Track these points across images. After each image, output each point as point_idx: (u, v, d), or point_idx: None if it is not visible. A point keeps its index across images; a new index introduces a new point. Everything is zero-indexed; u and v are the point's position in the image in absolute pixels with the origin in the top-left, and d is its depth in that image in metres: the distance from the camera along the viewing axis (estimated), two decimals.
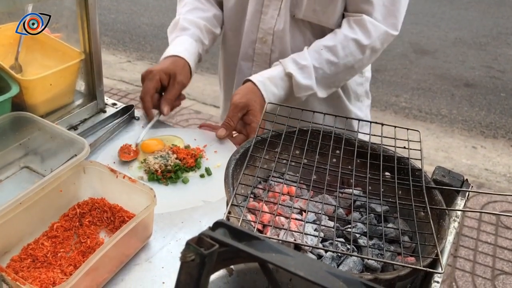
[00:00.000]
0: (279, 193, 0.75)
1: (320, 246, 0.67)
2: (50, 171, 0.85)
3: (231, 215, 0.67)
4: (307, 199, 0.75)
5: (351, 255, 0.66)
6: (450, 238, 0.70)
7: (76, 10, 1.04)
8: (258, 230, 0.72)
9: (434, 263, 0.63)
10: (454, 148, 3.23)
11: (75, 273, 0.63)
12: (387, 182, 0.77)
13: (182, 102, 1.20)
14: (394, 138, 0.83)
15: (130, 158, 1.01)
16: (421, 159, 0.80)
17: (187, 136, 1.10)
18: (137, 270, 0.77)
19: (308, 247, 0.68)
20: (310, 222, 0.74)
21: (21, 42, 1.06)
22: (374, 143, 0.84)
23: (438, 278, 0.64)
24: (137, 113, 1.20)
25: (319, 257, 0.69)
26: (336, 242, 0.69)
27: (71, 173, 0.82)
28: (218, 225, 0.39)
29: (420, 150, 0.81)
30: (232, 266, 0.73)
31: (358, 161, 0.81)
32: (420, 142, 0.82)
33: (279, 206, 0.73)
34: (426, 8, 6.24)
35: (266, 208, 0.75)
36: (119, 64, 4.23)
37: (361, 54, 1.08)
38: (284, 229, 0.70)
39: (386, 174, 0.80)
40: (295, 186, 0.77)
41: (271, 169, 0.80)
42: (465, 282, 2.08)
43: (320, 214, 0.73)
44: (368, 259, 0.67)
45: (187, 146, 1.05)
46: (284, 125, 0.84)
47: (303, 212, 0.77)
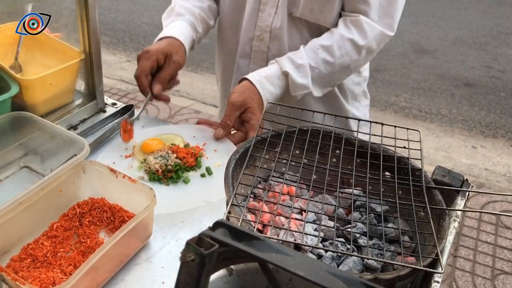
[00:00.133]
0: (279, 193, 0.75)
1: (320, 246, 0.67)
2: (50, 171, 0.86)
3: (231, 215, 0.67)
4: (307, 199, 0.75)
5: (351, 255, 0.66)
6: (450, 238, 0.70)
7: (75, 10, 1.04)
8: (258, 230, 0.72)
9: (434, 263, 0.63)
10: (454, 147, 3.23)
11: (75, 273, 0.63)
12: (387, 182, 0.77)
13: (182, 102, 1.19)
14: (394, 138, 0.83)
15: (129, 139, 1.06)
16: (421, 159, 0.80)
17: (186, 133, 1.10)
18: (137, 270, 0.77)
19: (308, 247, 0.68)
20: (310, 222, 0.74)
21: (20, 41, 1.06)
22: (374, 143, 0.84)
23: (438, 278, 0.64)
24: (136, 113, 1.20)
25: (319, 257, 0.69)
26: (336, 242, 0.69)
27: (71, 173, 0.82)
28: (218, 225, 0.39)
29: (420, 150, 0.81)
30: (232, 266, 0.73)
31: (358, 161, 0.81)
32: (420, 142, 0.82)
33: (279, 206, 0.73)
34: (426, 7, 6.24)
35: (266, 208, 0.75)
36: (119, 63, 4.23)
37: (357, 54, 1.08)
38: (284, 229, 0.70)
39: (386, 174, 0.80)
40: (295, 186, 0.77)
41: (271, 169, 0.80)
42: (465, 282, 2.08)
43: (320, 214, 0.73)
44: (368, 259, 0.67)
45: (187, 145, 1.05)
46: (284, 124, 0.84)
47: (303, 212, 0.77)
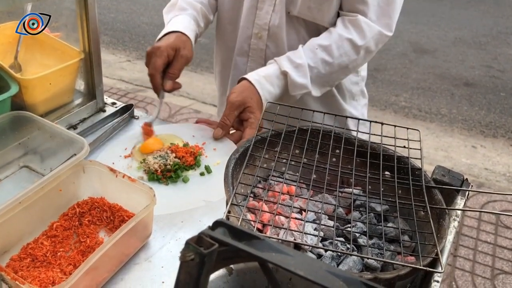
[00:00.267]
0: (279, 192, 0.75)
1: (320, 245, 0.67)
2: (50, 171, 0.85)
3: (231, 215, 0.67)
4: (307, 199, 0.75)
5: (351, 255, 0.66)
6: (450, 237, 0.70)
7: (75, 9, 1.04)
8: (258, 229, 0.72)
9: (434, 263, 0.63)
10: (454, 147, 3.23)
11: (75, 272, 0.63)
12: (387, 182, 0.77)
13: (181, 102, 1.19)
14: (394, 138, 0.83)
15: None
16: (421, 159, 0.80)
17: (185, 132, 1.10)
18: (136, 269, 0.77)
19: (308, 247, 0.68)
20: (310, 222, 0.74)
21: (20, 41, 1.05)
22: (374, 143, 0.84)
23: (438, 277, 0.64)
24: (136, 112, 1.20)
25: (319, 256, 0.69)
26: (336, 242, 0.69)
27: (71, 172, 0.82)
28: (217, 224, 0.39)
29: (420, 150, 0.81)
30: (231, 266, 0.73)
31: (358, 160, 0.81)
32: (420, 141, 0.82)
33: (279, 205, 0.73)
34: (426, 7, 6.24)
35: (266, 207, 0.75)
36: (119, 63, 4.22)
37: (355, 54, 1.08)
38: (284, 228, 0.70)
39: (386, 173, 0.80)
40: (295, 186, 0.77)
41: (271, 168, 0.80)
42: (464, 282, 2.08)
43: (320, 213, 0.73)
44: (368, 259, 0.67)
45: (186, 144, 1.05)
46: (283, 124, 0.84)
47: (303, 211, 0.77)
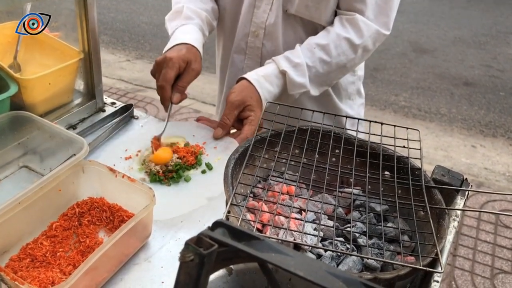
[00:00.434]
0: (279, 192, 0.75)
1: (319, 245, 0.67)
2: (49, 171, 0.85)
3: (231, 215, 0.67)
4: (307, 199, 0.75)
5: (351, 255, 0.66)
6: (450, 237, 0.70)
7: (75, 9, 1.03)
8: (258, 229, 0.72)
9: (434, 263, 0.63)
10: (454, 147, 3.23)
11: (74, 272, 0.63)
12: (387, 181, 0.77)
13: (181, 102, 1.19)
14: (394, 137, 0.83)
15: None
16: (420, 158, 0.80)
17: (186, 130, 1.10)
18: (136, 269, 0.77)
19: (307, 247, 0.68)
20: (310, 222, 0.74)
21: (19, 41, 1.05)
22: (374, 142, 0.84)
23: (437, 277, 0.64)
24: (136, 112, 1.20)
25: (319, 256, 0.68)
26: (335, 242, 0.69)
27: (70, 172, 0.82)
28: (217, 224, 0.39)
29: (419, 149, 0.81)
30: (231, 266, 0.73)
31: (358, 160, 0.81)
32: (419, 141, 0.82)
33: (279, 205, 0.73)
34: (425, 7, 6.24)
35: (265, 207, 0.75)
36: (118, 63, 4.22)
37: (353, 53, 1.08)
38: (283, 228, 0.70)
39: (386, 173, 0.80)
40: (295, 186, 0.77)
41: (271, 168, 0.79)
42: (464, 281, 2.09)
43: (319, 213, 0.73)
44: (367, 259, 0.67)
45: (187, 144, 1.05)
46: (283, 124, 0.84)
47: (303, 211, 0.77)
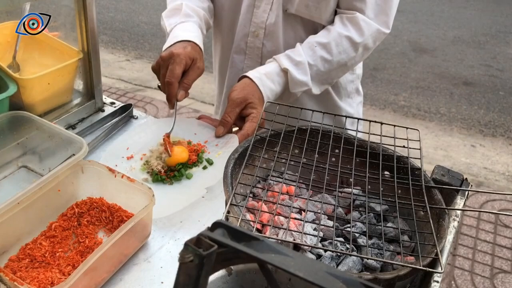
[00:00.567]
0: (278, 192, 0.75)
1: (319, 245, 0.67)
2: (48, 171, 0.85)
3: (230, 215, 0.67)
4: (307, 199, 0.75)
5: (351, 255, 0.66)
6: (450, 237, 0.69)
7: (74, 9, 1.03)
8: (257, 229, 0.72)
9: (434, 263, 0.63)
10: (453, 146, 3.23)
11: (74, 273, 0.62)
12: (387, 181, 0.77)
13: (180, 101, 1.18)
14: (394, 137, 0.83)
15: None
16: (420, 158, 0.80)
17: (187, 130, 1.09)
18: (135, 270, 0.77)
19: (307, 247, 0.68)
20: (310, 222, 0.74)
21: (19, 41, 1.05)
22: (374, 142, 0.83)
23: (437, 277, 0.64)
24: (135, 112, 1.19)
25: (319, 256, 0.68)
26: (335, 242, 0.69)
27: (69, 172, 0.82)
28: (217, 225, 0.38)
29: (419, 149, 0.81)
30: (231, 266, 0.73)
31: (358, 160, 0.81)
32: (419, 141, 0.82)
33: (278, 205, 0.73)
34: (425, 6, 6.24)
35: (265, 207, 0.74)
36: (118, 63, 4.22)
37: (354, 51, 1.09)
38: (283, 228, 0.70)
39: (386, 173, 0.80)
40: (295, 186, 0.77)
41: (270, 168, 0.79)
42: (464, 281, 2.09)
43: (319, 213, 0.73)
44: (367, 259, 0.67)
45: (189, 142, 1.05)
46: (283, 124, 0.84)
47: (303, 211, 0.77)
